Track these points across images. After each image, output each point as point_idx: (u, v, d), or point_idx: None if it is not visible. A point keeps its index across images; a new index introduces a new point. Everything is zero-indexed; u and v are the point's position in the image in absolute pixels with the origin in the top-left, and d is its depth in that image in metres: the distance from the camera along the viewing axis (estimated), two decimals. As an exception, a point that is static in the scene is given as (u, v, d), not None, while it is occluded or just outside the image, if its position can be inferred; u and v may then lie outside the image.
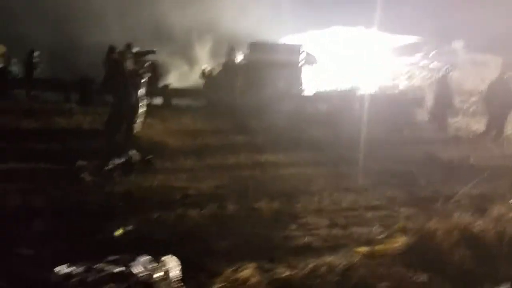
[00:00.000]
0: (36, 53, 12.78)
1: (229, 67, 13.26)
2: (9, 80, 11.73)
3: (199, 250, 3.81)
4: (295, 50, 14.95)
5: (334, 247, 4.01)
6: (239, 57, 14.13)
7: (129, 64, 7.67)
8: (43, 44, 13.76)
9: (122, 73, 7.55)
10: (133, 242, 4.05)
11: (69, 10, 17.85)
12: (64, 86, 11.74)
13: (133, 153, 6.70)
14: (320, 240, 4.22)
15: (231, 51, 13.49)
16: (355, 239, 4.26)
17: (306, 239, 4.20)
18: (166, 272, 3.17)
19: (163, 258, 3.26)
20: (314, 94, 13.80)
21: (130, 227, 4.27)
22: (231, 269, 3.20)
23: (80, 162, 6.59)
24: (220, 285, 3.10)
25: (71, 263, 3.41)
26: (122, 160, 6.48)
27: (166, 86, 12.33)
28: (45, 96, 11.72)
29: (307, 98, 13.44)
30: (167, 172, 6.42)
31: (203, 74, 13.80)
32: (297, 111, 11.04)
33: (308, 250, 3.93)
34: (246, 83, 12.44)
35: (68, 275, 3.28)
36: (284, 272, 3.25)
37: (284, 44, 16.35)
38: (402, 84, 18.59)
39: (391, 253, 3.78)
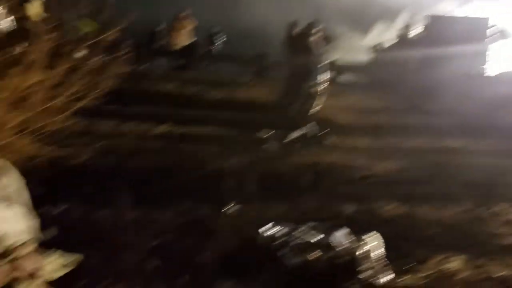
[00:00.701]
0: (216, 29, 13.95)
1: (403, 41, 12.56)
2: (195, 54, 13.03)
3: (399, 233, 3.73)
4: (481, 24, 13.34)
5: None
6: (414, 31, 13.24)
7: (311, 41, 7.80)
8: (222, 20, 14.89)
9: (303, 50, 7.72)
10: (323, 215, 4.18)
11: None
12: (242, 60, 12.58)
13: (311, 127, 6.88)
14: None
15: (406, 25, 12.71)
16: None
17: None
18: (369, 250, 3.19)
19: (366, 235, 3.28)
20: (501, 74, 12.20)
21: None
22: (438, 259, 3.06)
23: (262, 133, 7.05)
24: (427, 273, 3.00)
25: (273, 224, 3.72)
26: (301, 133, 6.71)
27: (334, 61, 12.25)
28: (225, 69, 12.74)
29: (493, 78, 11.96)
30: (342, 149, 6.44)
31: (374, 48, 13.34)
32: (481, 93, 9.93)
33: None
34: (422, 59, 11.63)
35: (273, 237, 3.56)
36: (500, 270, 2.99)
37: (468, 17, 14.73)
38: None
39: None
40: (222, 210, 4.14)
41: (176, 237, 3.58)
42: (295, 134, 6.55)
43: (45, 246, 3.03)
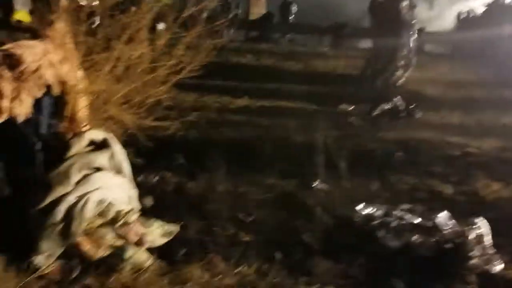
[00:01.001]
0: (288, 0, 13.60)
1: (494, 10, 11.45)
2: (270, 25, 12.83)
3: (505, 218, 3.42)
4: None
5: None
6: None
7: (400, 9, 7.31)
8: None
9: (390, 18, 7.27)
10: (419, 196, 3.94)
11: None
12: (318, 30, 12.20)
13: (398, 100, 6.51)
14: None
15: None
16: None
17: None
18: (479, 236, 2.94)
19: (475, 220, 3.02)
20: None
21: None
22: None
23: (344, 106, 6.79)
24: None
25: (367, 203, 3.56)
26: (388, 106, 6.38)
27: (420, 30, 11.49)
28: (300, 40, 12.45)
29: None
30: (433, 125, 6.02)
31: (459, 18, 12.33)
32: None
33: None
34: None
35: (370, 217, 3.41)
36: None
37: None
38: None
39: None
40: (312, 186, 4.04)
41: (266, 212, 3.54)
42: (382, 108, 6.22)
43: (144, 214, 3.14)
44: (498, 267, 2.81)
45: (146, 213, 3.13)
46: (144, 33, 2.96)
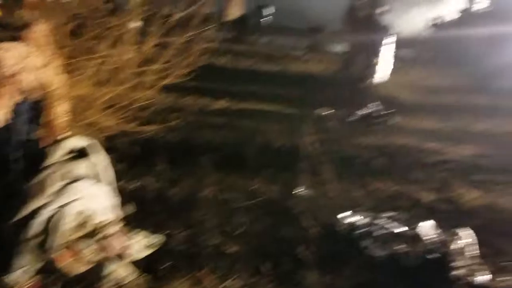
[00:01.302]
0: (265, 1, 13.56)
1: (467, 16, 11.76)
2: (246, 26, 12.76)
3: (486, 227, 3.49)
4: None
5: None
6: (478, 5, 12.37)
7: (375, 14, 7.42)
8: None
9: (366, 23, 7.36)
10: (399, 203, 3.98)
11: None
12: (296, 33, 12.22)
13: (376, 105, 6.58)
14: None
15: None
16: None
17: None
18: (463, 246, 2.98)
19: (456, 230, 3.06)
20: None
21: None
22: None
23: (321, 110, 6.80)
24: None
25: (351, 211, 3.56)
26: (366, 111, 6.43)
27: (396, 35, 11.67)
28: (276, 42, 12.41)
29: None
30: (411, 130, 6.11)
31: (436, 22, 12.59)
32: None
33: None
34: (487, 36, 10.87)
35: (353, 226, 3.41)
36: None
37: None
38: None
39: None
40: (293, 192, 4.01)
41: (251, 220, 3.49)
42: (360, 113, 6.27)
43: (125, 223, 3.03)
44: (484, 277, 2.85)
45: (128, 223, 3.03)
46: (130, 36, 2.85)
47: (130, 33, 2.77)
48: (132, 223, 3.07)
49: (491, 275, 2.86)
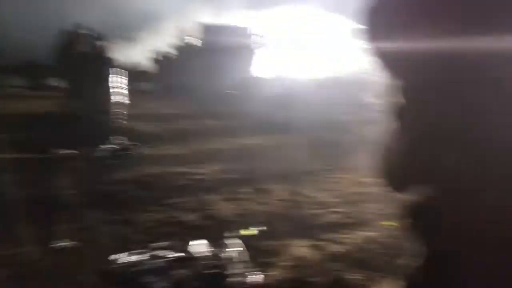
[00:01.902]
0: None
1: (183, 49, 13.06)
2: None
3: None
4: (244, 32, 15.01)
5: None
6: (190, 39, 13.90)
7: (96, 48, 7.35)
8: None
9: (85, 58, 7.21)
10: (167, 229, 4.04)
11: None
12: (8, 70, 10.84)
13: (119, 138, 6.51)
14: None
15: (181, 32, 13.29)
16: None
17: None
18: (232, 254, 3.24)
19: (225, 241, 3.31)
20: (276, 76, 13.97)
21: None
22: (287, 248, 3.36)
23: (64, 151, 6.28)
24: (284, 263, 3.25)
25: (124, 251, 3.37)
26: (111, 146, 6.28)
27: (123, 68, 11.84)
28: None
29: (268, 81, 13.61)
30: (158, 158, 6.31)
31: (157, 56, 13.47)
32: (261, 95, 11.20)
33: None
34: (204, 66, 12.35)
35: (129, 264, 3.23)
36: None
37: (235, 26, 16.30)
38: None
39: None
40: (52, 246, 3.53)
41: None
42: (104, 148, 6.07)
43: None
44: (257, 278, 3.17)
45: None
46: None
47: None
48: None
49: (263, 275, 3.22)
